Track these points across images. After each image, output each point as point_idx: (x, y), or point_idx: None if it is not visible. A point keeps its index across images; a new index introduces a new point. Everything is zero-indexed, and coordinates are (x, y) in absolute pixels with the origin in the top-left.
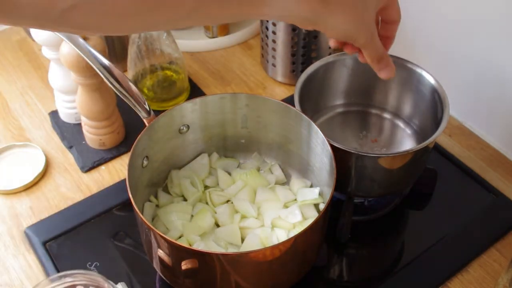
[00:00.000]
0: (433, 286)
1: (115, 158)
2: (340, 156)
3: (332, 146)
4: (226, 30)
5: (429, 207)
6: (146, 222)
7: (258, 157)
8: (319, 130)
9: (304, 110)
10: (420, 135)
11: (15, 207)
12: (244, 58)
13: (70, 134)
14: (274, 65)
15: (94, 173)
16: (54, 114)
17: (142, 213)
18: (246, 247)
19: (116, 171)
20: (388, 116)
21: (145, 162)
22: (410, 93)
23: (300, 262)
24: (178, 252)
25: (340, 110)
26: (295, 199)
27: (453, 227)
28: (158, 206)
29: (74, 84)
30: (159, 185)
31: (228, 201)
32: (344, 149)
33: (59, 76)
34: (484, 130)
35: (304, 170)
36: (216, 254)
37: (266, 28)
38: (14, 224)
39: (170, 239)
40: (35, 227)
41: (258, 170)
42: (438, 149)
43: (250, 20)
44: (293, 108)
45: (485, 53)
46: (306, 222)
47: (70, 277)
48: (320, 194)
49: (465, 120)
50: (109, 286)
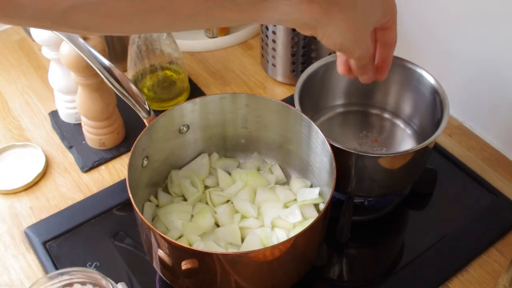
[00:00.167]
0: (433, 286)
1: (115, 158)
2: (340, 156)
3: (332, 146)
4: (226, 30)
5: (429, 207)
6: (146, 222)
7: (258, 157)
8: (319, 130)
9: (304, 110)
10: (420, 135)
11: (15, 207)
12: (244, 58)
13: (70, 134)
14: (274, 65)
15: (94, 173)
16: (54, 114)
17: (142, 213)
18: (246, 247)
19: (116, 171)
20: (388, 116)
21: (145, 162)
22: (410, 93)
23: (300, 262)
24: (178, 252)
25: (340, 110)
26: (295, 199)
27: (453, 227)
28: (158, 206)
29: (74, 84)
30: (159, 185)
31: (228, 201)
32: (344, 149)
33: (59, 76)
34: (484, 130)
35: (304, 170)
36: (216, 254)
37: (266, 28)
38: (14, 224)
39: (170, 239)
40: (35, 227)
41: (258, 170)
42: (438, 149)
43: None
44: (293, 108)
45: (485, 53)
46: (306, 222)
47: (68, 274)
48: (320, 194)
49: (465, 120)
50: (107, 283)
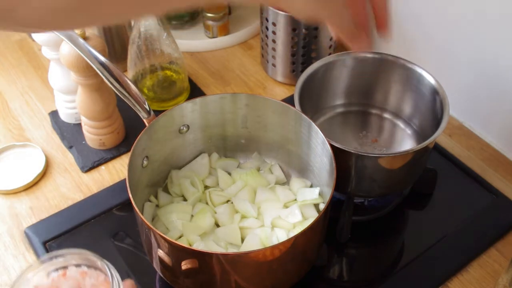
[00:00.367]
0: (433, 286)
1: (115, 158)
2: (340, 156)
3: (332, 146)
4: (226, 30)
5: (429, 207)
6: (146, 222)
7: (258, 157)
8: (319, 130)
9: (304, 110)
10: (420, 135)
11: (15, 207)
12: (244, 58)
13: (70, 134)
14: (274, 65)
15: (94, 173)
16: (54, 114)
17: (142, 213)
18: (246, 247)
19: (116, 171)
20: (388, 116)
21: (145, 162)
22: (410, 93)
23: (300, 262)
24: (178, 252)
25: (340, 110)
26: (295, 199)
27: (453, 227)
28: (158, 206)
29: (74, 84)
30: (159, 185)
31: (228, 201)
32: (344, 149)
33: (59, 76)
34: (484, 130)
35: (304, 170)
36: (216, 254)
37: (266, 28)
38: (14, 224)
39: (170, 239)
40: (35, 227)
41: (258, 170)
42: (438, 149)
43: (250, 20)
44: (293, 108)
45: (485, 53)
46: (306, 222)
47: (61, 257)
48: (320, 194)
49: (465, 120)
50: (102, 264)
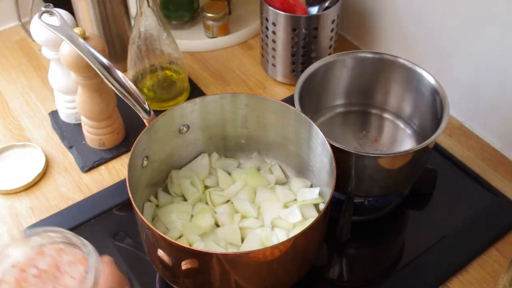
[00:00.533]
0: (433, 286)
1: (115, 158)
2: (340, 156)
3: (332, 146)
4: (226, 30)
5: (429, 207)
6: (146, 222)
7: (258, 157)
8: (319, 130)
9: (304, 110)
10: (420, 135)
11: (15, 207)
12: (244, 58)
13: (70, 134)
14: (274, 65)
15: (94, 173)
16: (54, 114)
17: (142, 213)
18: (246, 247)
19: (116, 171)
20: (388, 116)
21: (145, 162)
22: (410, 93)
23: (300, 262)
24: (178, 252)
25: (340, 110)
26: (295, 199)
27: (453, 227)
28: (158, 206)
29: (74, 84)
30: (159, 185)
31: (228, 201)
32: (344, 149)
33: (59, 76)
34: (484, 130)
35: (304, 170)
36: (216, 254)
37: (266, 28)
38: (14, 224)
39: (170, 239)
40: (35, 227)
41: (258, 170)
42: (438, 149)
43: (250, 20)
44: (293, 108)
45: (485, 53)
46: (306, 222)
47: (38, 235)
48: (320, 194)
49: (465, 120)
50: (77, 240)
